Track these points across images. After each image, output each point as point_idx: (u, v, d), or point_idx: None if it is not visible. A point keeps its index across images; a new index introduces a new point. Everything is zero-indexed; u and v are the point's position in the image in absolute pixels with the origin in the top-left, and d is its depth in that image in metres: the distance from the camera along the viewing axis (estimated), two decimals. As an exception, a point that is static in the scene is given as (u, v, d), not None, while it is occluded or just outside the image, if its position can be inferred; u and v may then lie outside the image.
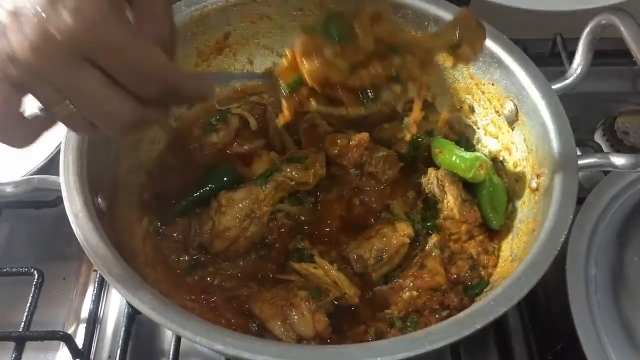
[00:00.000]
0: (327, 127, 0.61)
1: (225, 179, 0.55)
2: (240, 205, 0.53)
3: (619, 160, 0.50)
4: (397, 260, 0.54)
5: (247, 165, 0.58)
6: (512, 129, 0.58)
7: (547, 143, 0.52)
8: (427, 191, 0.57)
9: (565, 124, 0.52)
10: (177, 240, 0.54)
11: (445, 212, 0.55)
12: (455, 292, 0.52)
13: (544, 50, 0.77)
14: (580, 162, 0.50)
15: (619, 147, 0.69)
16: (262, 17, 0.62)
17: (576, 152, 0.50)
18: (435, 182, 0.56)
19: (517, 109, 0.56)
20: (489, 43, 0.57)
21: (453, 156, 0.56)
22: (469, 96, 0.61)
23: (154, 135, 0.59)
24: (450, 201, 0.55)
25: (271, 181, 0.54)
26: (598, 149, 0.68)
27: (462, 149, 0.57)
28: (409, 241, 0.54)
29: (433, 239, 0.53)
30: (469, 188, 0.57)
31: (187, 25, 0.58)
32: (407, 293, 0.51)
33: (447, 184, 0.56)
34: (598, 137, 0.72)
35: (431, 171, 0.57)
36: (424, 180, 0.57)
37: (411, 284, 0.52)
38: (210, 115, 0.60)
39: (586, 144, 0.68)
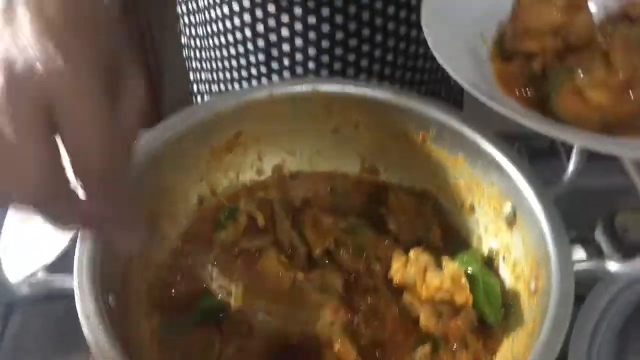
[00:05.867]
0: (330, 220, 0.63)
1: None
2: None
3: (612, 267, 0.51)
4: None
5: (250, 265, 0.59)
6: (511, 230, 0.59)
7: (544, 247, 0.53)
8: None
9: (560, 229, 0.53)
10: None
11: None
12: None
13: (543, 146, 0.80)
14: (576, 268, 0.52)
15: (619, 245, 0.71)
16: (273, 116, 0.65)
17: (572, 258, 0.52)
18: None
19: (515, 211, 0.58)
20: (487, 146, 0.59)
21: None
22: (470, 195, 0.63)
23: (164, 231, 0.62)
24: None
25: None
26: (597, 249, 0.69)
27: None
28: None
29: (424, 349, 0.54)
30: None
31: (201, 126, 0.62)
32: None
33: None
34: (598, 234, 0.73)
35: None
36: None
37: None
38: (219, 211, 0.63)
39: (586, 242, 0.70)
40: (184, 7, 0.89)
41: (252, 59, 0.80)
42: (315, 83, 0.64)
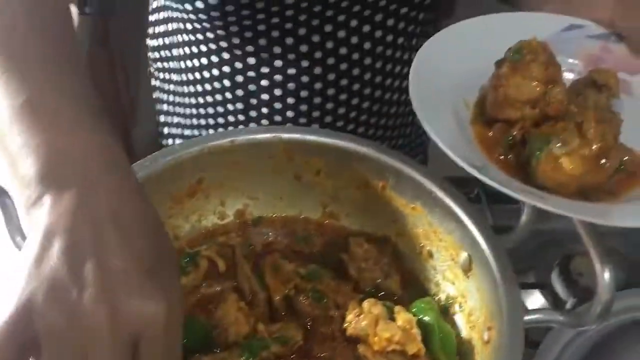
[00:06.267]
0: (291, 266, 0.64)
1: (195, 337, 0.56)
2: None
3: (562, 317, 0.52)
4: None
5: (207, 310, 0.60)
6: (467, 278, 0.61)
7: (497, 297, 0.55)
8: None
9: (512, 280, 0.55)
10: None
11: None
12: None
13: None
14: (527, 318, 0.53)
15: (574, 289, 0.73)
16: (235, 163, 0.66)
17: (521, 310, 0.53)
18: None
19: (470, 259, 0.60)
20: (444, 196, 0.61)
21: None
22: (428, 242, 0.65)
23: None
24: None
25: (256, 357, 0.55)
26: (553, 293, 0.71)
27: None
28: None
29: None
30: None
31: (162, 174, 0.62)
32: None
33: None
34: (555, 277, 0.75)
35: None
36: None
37: None
38: (180, 256, 0.63)
39: (543, 286, 0.72)
40: (156, 54, 0.89)
41: (230, 107, 0.81)
42: (277, 131, 0.65)
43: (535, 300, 0.73)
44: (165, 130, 0.94)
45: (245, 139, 0.65)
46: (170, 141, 0.94)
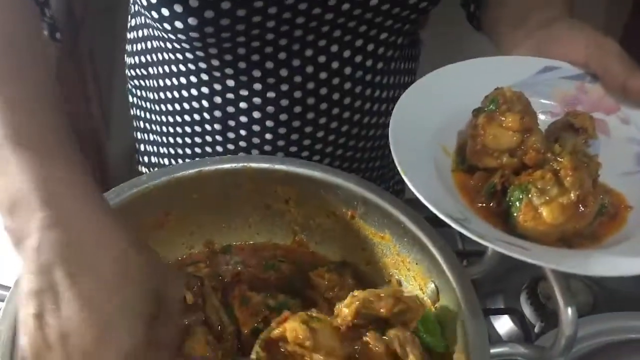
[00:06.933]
0: (259, 298, 0.63)
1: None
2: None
3: (526, 351, 0.53)
4: None
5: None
6: (435, 309, 0.61)
7: (463, 330, 0.55)
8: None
9: (478, 312, 0.55)
10: None
11: None
12: None
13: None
14: (493, 351, 0.54)
15: (542, 313, 0.73)
16: (203, 192, 0.66)
17: (488, 343, 0.54)
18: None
19: (438, 290, 0.60)
20: (412, 226, 0.61)
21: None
22: (397, 271, 0.65)
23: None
24: None
25: None
26: (520, 318, 0.71)
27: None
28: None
29: None
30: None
31: (129, 206, 0.62)
32: None
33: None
34: (523, 300, 0.76)
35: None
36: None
37: None
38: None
39: (512, 311, 0.72)
40: (133, 71, 0.88)
41: (208, 127, 0.80)
42: (245, 160, 0.65)
43: (503, 324, 0.74)
44: (142, 147, 0.94)
45: (213, 169, 0.65)
46: (146, 158, 0.93)
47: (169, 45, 0.76)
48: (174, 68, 0.78)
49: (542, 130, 0.57)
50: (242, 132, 0.79)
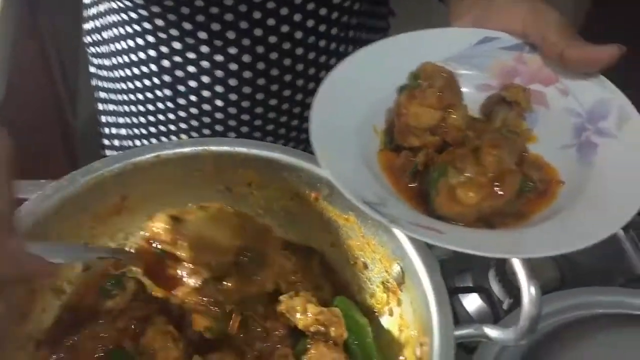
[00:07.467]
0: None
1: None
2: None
3: (493, 333, 0.52)
4: None
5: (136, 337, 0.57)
6: (401, 291, 0.60)
7: (428, 312, 0.54)
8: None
9: (443, 294, 0.54)
10: None
11: None
12: None
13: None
14: (457, 332, 0.53)
15: (509, 290, 0.73)
16: (162, 177, 0.63)
17: (453, 326, 0.53)
18: None
19: (403, 272, 0.59)
20: (377, 207, 0.60)
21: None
22: (362, 253, 0.64)
23: (44, 303, 0.59)
24: None
25: None
26: (488, 295, 0.71)
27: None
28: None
29: None
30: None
31: (82, 193, 0.59)
32: None
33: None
34: (491, 278, 0.76)
35: None
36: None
37: None
38: (105, 279, 0.61)
39: (481, 289, 0.72)
40: (89, 38, 0.86)
41: (159, 93, 0.78)
42: (205, 144, 0.63)
43: (472, 302, 0.74)
44: (103, 118, 0.91)
45: (172, 152, 0.62)
46: (107, 130, 0.91)
47: (115, 5, 0.74)
48: (121, 30, 0.76)
49: (467, 105, 0.55)
50: (193, 99, 0.77)
